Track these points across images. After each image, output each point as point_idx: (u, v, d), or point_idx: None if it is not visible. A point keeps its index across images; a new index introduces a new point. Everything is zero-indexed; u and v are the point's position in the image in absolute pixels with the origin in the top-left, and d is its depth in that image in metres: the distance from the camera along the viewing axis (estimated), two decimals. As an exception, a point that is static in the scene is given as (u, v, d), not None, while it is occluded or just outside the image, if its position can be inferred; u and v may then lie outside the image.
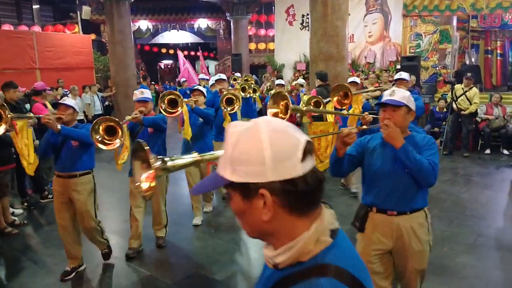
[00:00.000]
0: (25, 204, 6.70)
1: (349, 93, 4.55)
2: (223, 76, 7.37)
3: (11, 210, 6.15)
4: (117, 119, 4.04)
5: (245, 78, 9.21)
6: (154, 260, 4.79)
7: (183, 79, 14.83)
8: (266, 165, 0.94)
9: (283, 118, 3.06)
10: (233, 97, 6.00)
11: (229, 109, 5.96)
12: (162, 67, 29.46)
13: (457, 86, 9.66)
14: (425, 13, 12.10)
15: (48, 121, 3.94)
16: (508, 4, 11.00)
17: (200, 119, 5.50)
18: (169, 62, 28.91)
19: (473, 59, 14.43)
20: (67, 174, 4.29)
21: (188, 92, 8.69)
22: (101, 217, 5.87)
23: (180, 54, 16.66)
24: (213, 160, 2.28)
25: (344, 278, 0.95)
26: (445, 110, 10.11)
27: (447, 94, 10.66)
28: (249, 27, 20.41)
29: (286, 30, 15.00)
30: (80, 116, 11.58)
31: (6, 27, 15.75)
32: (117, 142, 3.99)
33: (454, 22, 12.73)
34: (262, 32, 20.78)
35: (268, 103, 3.36)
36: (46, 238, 5.48)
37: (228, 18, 19.90)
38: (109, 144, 3.98)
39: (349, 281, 0.96)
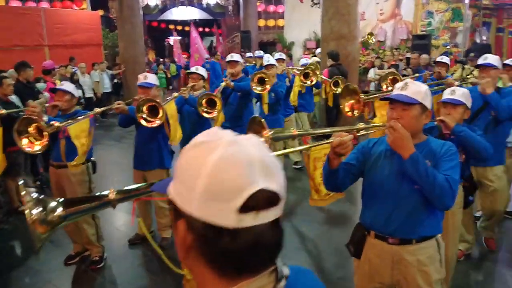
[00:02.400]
0: (38, 182, 6.78)
1: (359, 99, 3.78)
2: (283, 56, 7.14)
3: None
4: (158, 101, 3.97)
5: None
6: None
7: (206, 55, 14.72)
8: (195, 194, 0.76)
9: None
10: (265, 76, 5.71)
11: (259, 89, 5.60)
12: (171, 43, 29.31)
13: (466, 67, 9.55)
14: (438, -10, 11.92)
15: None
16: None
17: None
18: (178, 38, 28.73)
19: (484, 38, 14.20)
20: (58, 164, 4.06)
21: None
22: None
23: (194, 29, 16.48)
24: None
25: None
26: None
27: (451, 75, 10.52)
28: (258, 3, 20.15)
29: (297, 7, 14.81)
30: (89, 94, 11.62)
31: (14, 3, 15.64)
32: (158, 122, 3.95)
33: (467, 0, 12.52)
34: (272, 8, 20.50)
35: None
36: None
37: (237, -6, 19.71)
38: (151, 121, 3.96)
39: None
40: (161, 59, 20.00)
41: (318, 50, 7.94)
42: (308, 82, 6.14)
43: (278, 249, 0.82)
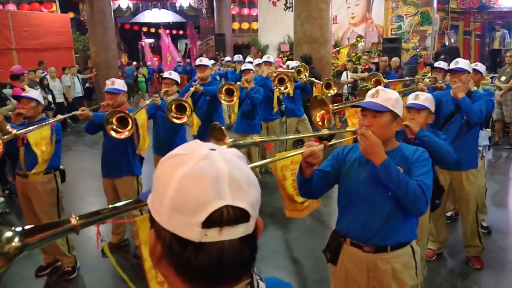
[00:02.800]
0: (6, 191, 6.56)
1: (329, 109, 3.58)
2: (271, 59, 7.05)
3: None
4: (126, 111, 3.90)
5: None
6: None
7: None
8: (164, 206, 0.77)
9: None
10: (285, 77, 5.79)
11: (282, 88, 5.75)
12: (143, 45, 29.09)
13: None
14: (406, -5, 12.18)
15: None
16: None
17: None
18: (151, 40, 28.46)
19: (452, 40, 14.55)
20: (24, 173, 3.91)
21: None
22: (87, 204, 5.88)
23: (164, 33, 16.42)
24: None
25: None
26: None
27: (426, 75, 10.75)
28: (232, 6, 20.15)
29: (270, 10, 14.88)
30: (60, 99, 11.39)
31: (-20, 5, 15.29)
32: (127, 134, 3.88)
33: (435, 4, 12.82)
34: (246, 11, 20.52)
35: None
36: (23, 223, 5.43)
37: (211, -4, 19.65)
38: (120, 132, 3.88)
39: None
40: (134, 62, 19.76)
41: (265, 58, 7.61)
42: (282, 88, 5.94)
43: (248, 265, 0.81)
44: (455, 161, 3.85)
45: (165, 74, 5.10)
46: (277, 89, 5.81)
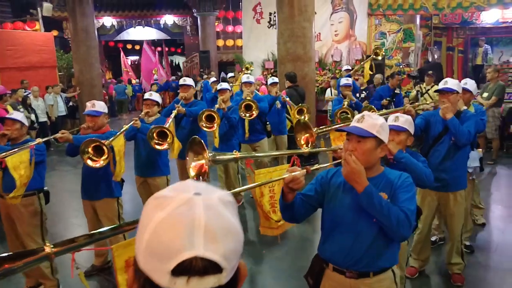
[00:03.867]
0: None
1: (312, 133, 3.61)
2: (251, 79, 6.89)
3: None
4: (101, 141, 3.83)
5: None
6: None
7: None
8: (142, 248, 0.77)
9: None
10: (252, 103, 5.74)
11: (247, 115, 5.72)
12: (129, 63, 29.11)
13: (422, 86, 9.81)
14: (389, 12, 12.35)
15: None
16: (467, 3, 11.36)
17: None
18: (136, 58, 28.45)
19: (435, 56, 14.77)
20: (6, 194, 3.85)
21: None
22: (71, 225, 5.80)
23: (148, 49, 16.44)
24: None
25: None
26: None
27: (410, 92, 10.86)
28: (216, 23, 20.29)
29: (254, 28, 14.96)
30: (43, 118, 11.28)
31: (-38, 24, 15.16)
32: (102, 163, 3.85)
33: (418, 21, 13.03)
34: (230, 28, 20.66)
35: None
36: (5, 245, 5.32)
37: (195, 14, 19.73)
38: (96, 161, 3.85)
39: None
40: (116, 79, 19.90)
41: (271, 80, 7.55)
42: (247, 115, 5.78)
43: None
44: (444, 183, 3.90)
45: (146, 95, 5.06)
46: (243, 115, 5.75)
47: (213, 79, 11.03)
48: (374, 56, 7.42)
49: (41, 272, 4.08)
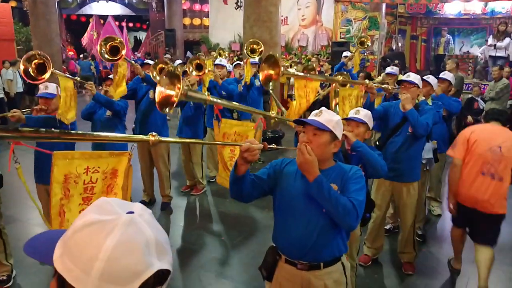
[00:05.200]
0: None
1: (279, 69, 3.57)
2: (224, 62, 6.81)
3: None
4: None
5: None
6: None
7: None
8: (91, 277, 0.76)
9: None
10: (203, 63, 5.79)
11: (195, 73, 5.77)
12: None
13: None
14: (356, 0, 12.47)
15: None
16: (432, -5, 11.60)
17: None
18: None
19: (400, 44, 15.04)
20: None
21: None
22: (27, 208, 5.66)
23: (112, 23, 16.00)
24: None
25: None
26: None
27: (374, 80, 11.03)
28: (183, 1, 19.91)
29: (221, 8, 14.83)
30: (0, 94, 10.86)
31: None
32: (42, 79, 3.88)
33: (383, 10, 13.21)
34: (197, 7, 20.35)
35: None
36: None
37: (161, -10, 19.34)
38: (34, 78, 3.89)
39: None
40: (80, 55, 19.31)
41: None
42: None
43: None
44: (398, 173, 4.03)
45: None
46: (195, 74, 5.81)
47: (178, 61, 10.87)
48: (359, 46, 7.47)
49: None
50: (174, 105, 2.29)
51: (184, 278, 4.15)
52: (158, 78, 5.35)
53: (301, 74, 4.18)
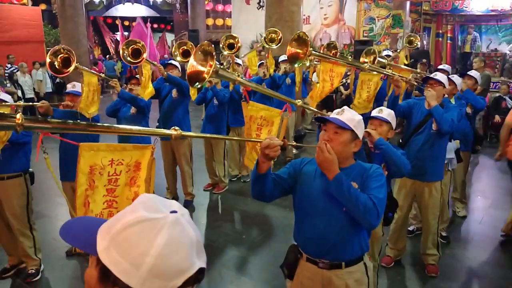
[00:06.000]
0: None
1: (307, 49, 3.50)
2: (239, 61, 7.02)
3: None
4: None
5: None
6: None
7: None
8: (140, 271, 0.82)
9: None
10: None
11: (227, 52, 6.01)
12: (118, 39, 28.74)
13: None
14: (379, -3, 12.37)
15: None
16: (457, -8, 11.40)
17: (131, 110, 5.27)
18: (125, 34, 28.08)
19: (425, 42, 14.83)
20: None
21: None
22: (56, 205, 5.81)
23: (143, 24, 16.21)
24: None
25: None
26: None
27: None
28: (206, 2, 20.06)
29: (243, 8, 14.89)
30: (30, 94, 11.19)
31: None
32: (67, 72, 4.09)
33: (407, 7, 13.05)
34: (220, 7, 20.45)
35: None
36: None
37: (184, -8, 19.53)
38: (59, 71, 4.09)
39: None
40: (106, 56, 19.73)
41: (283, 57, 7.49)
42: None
43: None
44: (420, 172, 3.98)
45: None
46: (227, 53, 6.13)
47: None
48: (407, 45, 7.34)
49: (25, 252, 4.14)
50: (204, 81, 2.31)
51: (205, 276, 4.20)
52: (179, 58, 5.61)
53: (328, 56, 4.14)
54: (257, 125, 3.64)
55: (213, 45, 2.33)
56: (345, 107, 2.39)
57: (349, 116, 2.27)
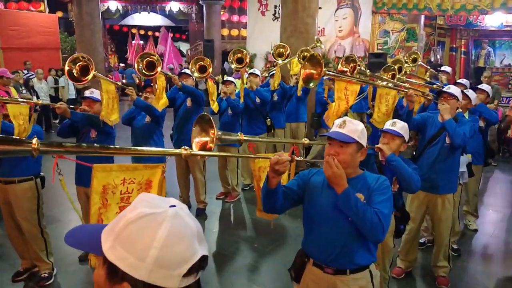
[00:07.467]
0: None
1: (321, 69, 3.45)
2: (257, 71, 7.03)
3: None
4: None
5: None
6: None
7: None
8: (146, 263, 0.87)
9: None
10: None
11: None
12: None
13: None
14: (393, 11, 12.37)
15: None
16: (471, 6, 11.37)
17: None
18: (140, 42, 28.42)
19: (438, 56, 14.79)
20: (5, 179, 4.00)
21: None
22: (67, 210, 5.86)
23: (167, 34, 16.36)
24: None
25: None
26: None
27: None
28: (222, 12, 20.20)
29: (259, 19, 14.99)
30: (46, 100, 11.31)
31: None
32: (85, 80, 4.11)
33: (422, 21, 13.06)
34: (235, 18, 20.58)
35: None
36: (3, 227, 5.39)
37: (200, 2, 19.65)
38: (77, 79, 4.10)
39: None
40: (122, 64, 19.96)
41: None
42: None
43: None
44: (434, 184, 3.98)
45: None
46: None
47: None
48: (411, 63, 7.57)
49: (37, 255, 4.19)
50: (212, 147, 2.34)
51: (217, 283, 4.22)
52: (196, 74, 5.65)
53: (342, 76, 4.16)
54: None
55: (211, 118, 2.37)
56: (346, 118, 2.41)
57: (351, 127, 2.28)
